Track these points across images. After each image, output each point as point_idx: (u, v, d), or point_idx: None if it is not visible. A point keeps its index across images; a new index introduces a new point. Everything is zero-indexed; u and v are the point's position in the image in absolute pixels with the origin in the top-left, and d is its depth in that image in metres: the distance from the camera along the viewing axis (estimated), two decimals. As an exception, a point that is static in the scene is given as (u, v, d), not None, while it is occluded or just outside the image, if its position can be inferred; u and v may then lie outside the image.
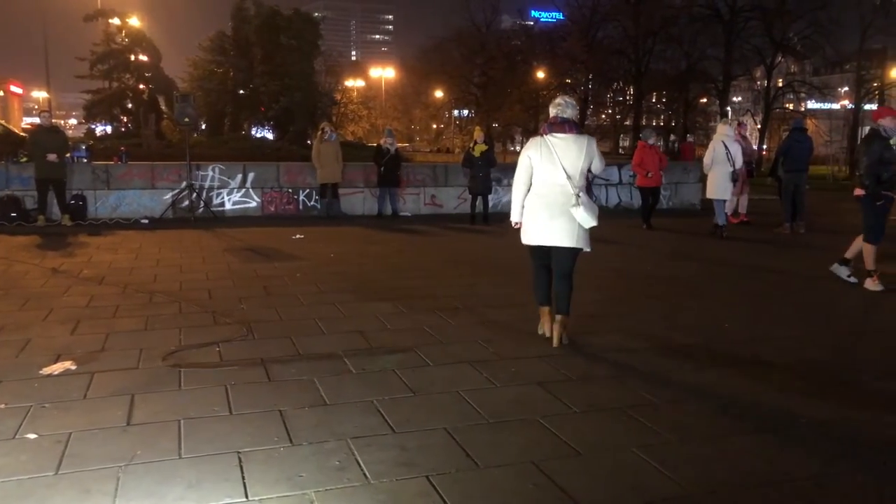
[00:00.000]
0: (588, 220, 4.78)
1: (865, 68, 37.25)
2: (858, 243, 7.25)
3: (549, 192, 4.83)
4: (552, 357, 4.70)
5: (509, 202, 5.24)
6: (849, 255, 7.40)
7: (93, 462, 3.12)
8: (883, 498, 2.95)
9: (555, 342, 4.92)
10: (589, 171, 4.92)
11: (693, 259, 9.09)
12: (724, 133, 11.12)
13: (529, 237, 5.00)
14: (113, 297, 6.32)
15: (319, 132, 13.70)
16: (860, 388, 4.27)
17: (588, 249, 4.92)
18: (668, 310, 6.16)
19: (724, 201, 11.15)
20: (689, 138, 38.98)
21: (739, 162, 11.07)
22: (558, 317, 4.93)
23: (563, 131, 4.83)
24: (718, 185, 11.01)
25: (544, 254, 5.02)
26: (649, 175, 11.75)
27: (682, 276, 7.90)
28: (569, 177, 4.75)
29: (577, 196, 4.74)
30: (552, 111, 4.95)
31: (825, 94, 42.63)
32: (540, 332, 5.15)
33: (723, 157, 10.90)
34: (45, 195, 11.45)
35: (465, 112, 57.20)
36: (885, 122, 7.01)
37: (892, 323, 6.07)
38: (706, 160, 11.34)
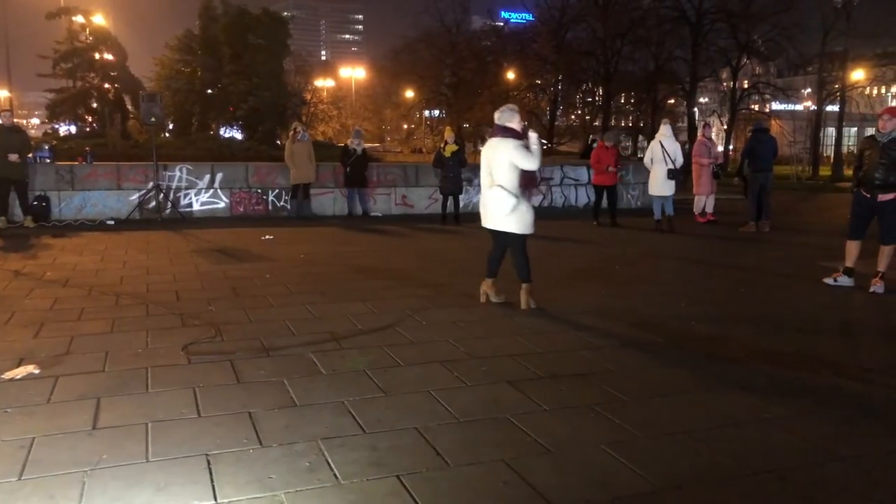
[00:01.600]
0: (500, 207, 5.81)
1: (827, 70, 38.05)
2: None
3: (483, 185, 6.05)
4: (522, 356, 4.73)
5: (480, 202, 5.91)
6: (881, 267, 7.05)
7: (57, 467, 3.06)
8: (850, 488, 3.02)
9: (522, 305, 6.02)
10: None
11: (661, 256, 9.21)
12: (662, 133, 11.85)
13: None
14: (78, 300, 6.21)
15: (292, 132, 13.61)
16: (826, 382, 4.36)
17: (526, 233, 5.95)
18: (634, 308, 6.23)
19: (664, 198, 11.81)
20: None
21: (679, 160, 11.74)
22: (524, 285, 6.06)
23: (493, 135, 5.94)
24: (657, 183, 11.84)
25: (493, 235, 6.14)
26: (610, 169, 12.20)
27: (649, 274, 8.00)
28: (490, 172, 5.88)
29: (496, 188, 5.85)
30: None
31: (789, 95, 43.46)
32: (483, 299, 6.23)
33: (660, 156, 11.64)
34: (6, 196, 11.20)
35: (436, 112, 57.19)
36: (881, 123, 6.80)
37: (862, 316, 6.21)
38: (646, 159, 12.16)
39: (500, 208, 5.81)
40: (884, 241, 7.03)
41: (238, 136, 42.22)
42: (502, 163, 5.76)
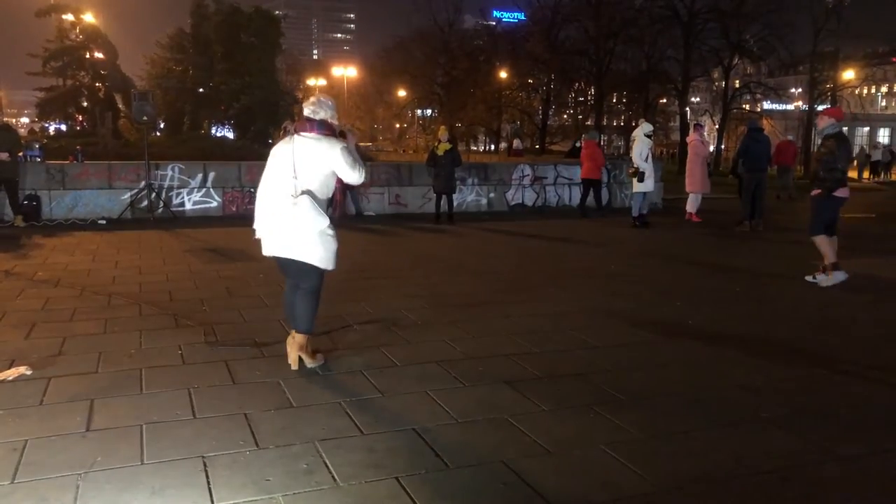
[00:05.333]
0: (306, 228, 4.22)
1: (818, 70, 38.20)
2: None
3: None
4: (520, 356, 4.71)
5: (474, 201, 5.22)
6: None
7: (51, 470, 3.02)
8: (850, 486, 3.01)
9: (292, 362, 4.40)
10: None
11: (655, 256, 9.20)
12: (645, 130, 12.16)
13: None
14: (69, 300, 6.15)
15: (282, 131, 13.51)
16: (826, 380, 4.36)
17: (329, 267, 4.38)
18: (630, 307, 6.22)
19: (640, 195, 12.06)
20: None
21: (637, 162, 11.97)
22: (299, 336, 4.39)
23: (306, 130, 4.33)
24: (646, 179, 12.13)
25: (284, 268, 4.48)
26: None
27: (645, 273, 7.99)
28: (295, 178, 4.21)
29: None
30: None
31: (780, 95, 43.62)
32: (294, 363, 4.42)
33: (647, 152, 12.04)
34: (-4, 195, 11.11)
35: (429, 111, 57.16)
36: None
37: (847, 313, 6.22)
38: (641, 157, 12.27)
39: (306, 230, 4.20)
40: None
41: (230, 135, 42.08)
42: (320, 168, 4.22)
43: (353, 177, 4.27)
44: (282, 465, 3.10)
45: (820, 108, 37.25)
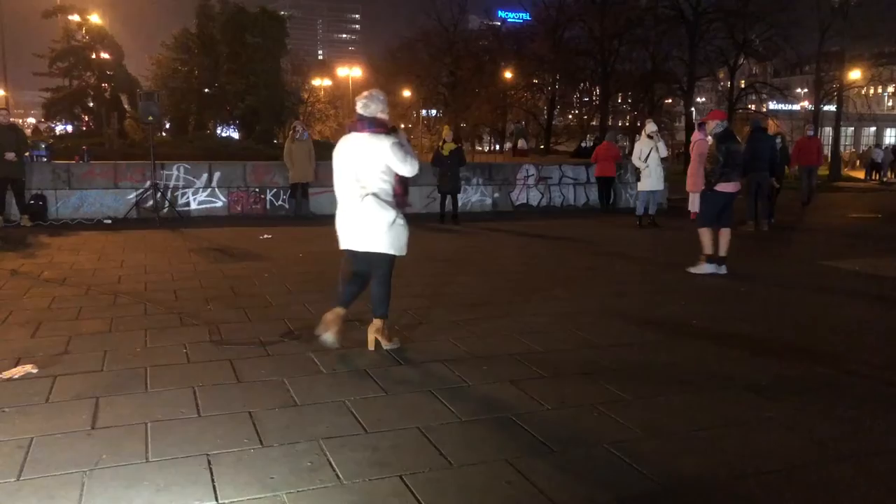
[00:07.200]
0: (377, 222, 4.57)
1: (824, 70, 38.07)
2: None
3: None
4: (524, 355, 4.71)
5: (479, 201, 5.30)
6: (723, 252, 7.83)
7: (56, 467, 3.03)
8: (847, 491, 3.01)
9: (371, 345, 4.79)
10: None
11: (659, 255, 9.19)
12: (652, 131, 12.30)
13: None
14: (75, 299, 6.18)
15: (291, 131, 13.57)
16: (830, 379, 4.35)
17: (400, 254, 4.75)
18: (635, 306, 6.21)
19: (644, 193, 12.22)
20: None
21: (635, 161, 12.27)
22: (377, 321, 4.77)
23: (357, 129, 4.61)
24: (653, 178, 12.23)
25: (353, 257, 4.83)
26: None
27: (649, 272, 7.97)
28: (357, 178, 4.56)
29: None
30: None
31: (786, 95, 43.51)
32: (328, 340, 4.68)
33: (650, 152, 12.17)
34: (2, 195, 11.15)
35: (434, 112, 57.13)
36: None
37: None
38: (641, 157, 12.42)
39: (377, 224, 4.58)
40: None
41: (235, 135, 42.15)
42: (376, 165, 4.52)
43: (406, 169, 4.59)
44: (286, 463, 3.11)
45: (824, 108, 37.20)
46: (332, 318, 4.69)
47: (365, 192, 4.55)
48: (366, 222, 4.59)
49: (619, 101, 52.16)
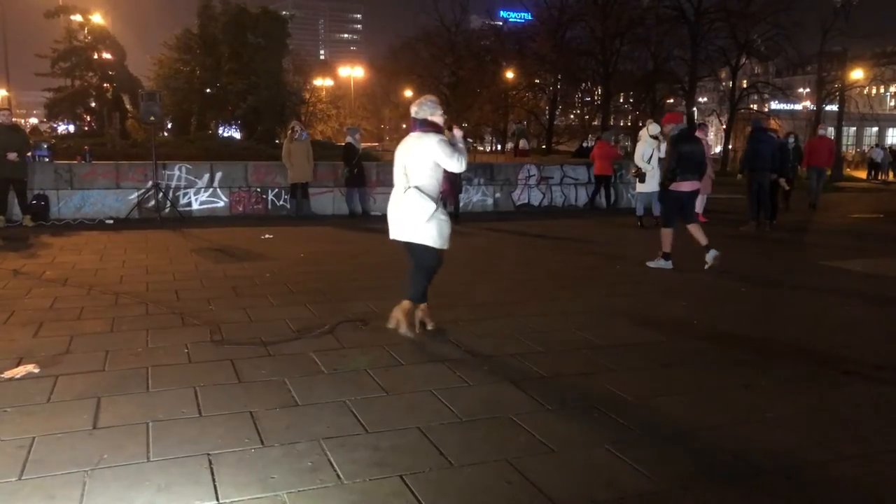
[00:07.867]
0: (416, 214, 4.93)
1: (826, 70, 38.06)
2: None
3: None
4: (524, 355, 4.71)
5: (480, 201, 5.43)
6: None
7: (58, 467, 3.04)
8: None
9: (403, 328, 5.11)
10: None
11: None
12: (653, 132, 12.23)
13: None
14: (77, 299, 6.19)
15: (290, 131, 13.59)
16: (830, 379, 4.35)
17: (441, 247, 5.10)
18: (636, 306, 6.21)
19: (643, 195, 12.10)
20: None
21: (638, 162, 12.12)
22: (406, 303, 5.16)
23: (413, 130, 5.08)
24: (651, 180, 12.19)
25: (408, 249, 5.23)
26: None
27: (650, 273, 7.97)
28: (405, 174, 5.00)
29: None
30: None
31: (788, 95, 43.47)
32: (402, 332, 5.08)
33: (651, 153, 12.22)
34: (4, 195, 11.16)
35: (435, 111, 57.03)
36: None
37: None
38: (643, 158, 12.36)
39: (416, 215, 4.94)
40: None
41: (237, 135, 42.13)
42: (423, 161, 4.91)
43: (453, 165, 4.90)
44: (287, 463, 3.11)
45: (826, 108, 37.18)
46: (401, 312, 5.10)
47: (409, 185, 4.95)
48: (406, 213, 4.97)
49: (621, 100, 52.16)
